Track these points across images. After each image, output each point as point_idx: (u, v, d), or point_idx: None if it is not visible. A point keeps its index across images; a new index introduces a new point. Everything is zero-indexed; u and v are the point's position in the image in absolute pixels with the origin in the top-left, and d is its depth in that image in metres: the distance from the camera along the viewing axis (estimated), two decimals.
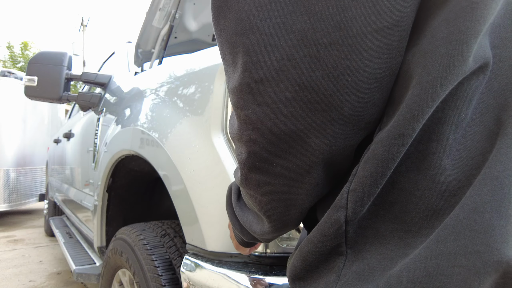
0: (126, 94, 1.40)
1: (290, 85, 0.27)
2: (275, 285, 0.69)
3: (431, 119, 0.27)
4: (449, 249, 0.24)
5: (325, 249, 0.31)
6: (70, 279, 2.45)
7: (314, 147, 0.29)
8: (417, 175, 0.28)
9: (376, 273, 0.28)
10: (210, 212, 0.79)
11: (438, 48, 0.25)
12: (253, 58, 0.27)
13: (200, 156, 0.83)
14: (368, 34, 0.25)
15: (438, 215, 0.27)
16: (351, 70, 0.26)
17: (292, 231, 0.80)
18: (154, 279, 0.92)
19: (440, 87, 0.26)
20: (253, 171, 0.33)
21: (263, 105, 0.28)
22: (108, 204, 1.41)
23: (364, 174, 0.28)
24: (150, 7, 1.45)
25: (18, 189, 4.69)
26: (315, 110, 0.27)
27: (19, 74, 4.99)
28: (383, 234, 0.29)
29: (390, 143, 0.27)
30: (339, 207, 0.30)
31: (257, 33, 0.27)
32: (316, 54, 0.26)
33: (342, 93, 0.27)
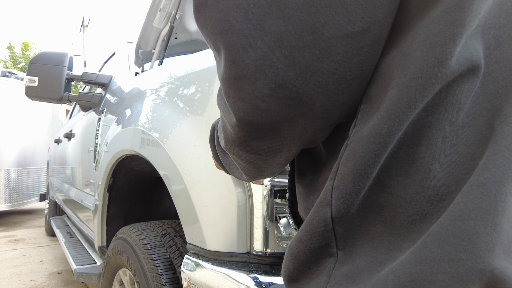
0: (126, 95, 1.41)
1: (266, 83, 0.29)
2: (275, 284, 0.70)
3: (420, 123, 0.27)
4: (433, 255, 0.24)
5: (314, 247, 0.32)
6: (71, 279, 2.46)
7: (287, 134, 0.32)
8: (406, 179, 0.28)
9: (364, 276, 0.28)
10: (211, 211, 0.79)
11: (415, 51, 0.26)
12: (232, 57, 0.29)
13: (200, 156, 0.83)
14: (339, 39, 0.27)
15: (427, 219, 0.27)
16: (322, 71, 0.28)
17: (292, 231, 0.80)
18: (154, 279, 0.93)
19: (416, 88, 0.26)
20: (233, 145, 0.36)
21: (242, 100, 0.30)
22: (108, 204, 1.42)
23: (345, 172, 0.29)
24: (150, 7, 1.45)
25: (19, 189, 4.69)
26: (289, 106, 0.29)
27: (20, 74, 4.99)
28: (373, 237, 0.29)
29: (369, 141, 0.28)
30: (324, 204, 0.31)
31: (236, 33, 0.28)
32: (290, 56, 0.27)
33: (313, 92, 0.29)
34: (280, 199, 0.79)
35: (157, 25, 1.48)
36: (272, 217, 0.75)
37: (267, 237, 0.75)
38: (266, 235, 0.75)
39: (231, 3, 0.28)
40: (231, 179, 0.78)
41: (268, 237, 0.75)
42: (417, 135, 0.28)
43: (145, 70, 1.66)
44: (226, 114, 0.35)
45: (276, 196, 0.78)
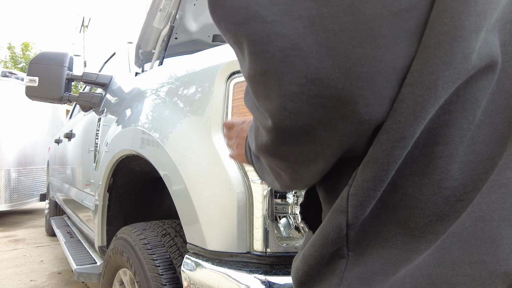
0: (126, 95, 1.41)
1: (295, 77, 0.24)
2: (275, 284, 0.70)
3: (437, 122, 0.26)
4: (454, 257, 0.23)
5: (326, 252, 0.31)
6: (71, 279, 2.46)
7: (323, 140, 0.26)
8: (422, 179, 0.26)
9: (378, 278, 0.27)
10: (211, 211, 0.79)
11: (442, 44, 0.23)
12: (255, 49, 0.25)
13: (200, 156, 0.83)
14: (384, 18, 0.22)
15: (443, 220, 0.26)
16: (366, 59, 0.23)
17: (292, 231, 0.80)
18: (154, 279, 0.93)
19: (443, 87, 0.24)
20: (261, 149, 0.32)
21: (269, 99, 0.26)
22: (109, 203, 1.42)
23: (364, 179, 0.27)
24: (150, 8, 1.45)
25: (19, 189, 4.69)
26: (325, 106, 0.24)
27: (20, 74, 4.99)
28: (385, 238, 0.28)
29: (392, 146, 0.25)
30: (340, 211, 0.29)
31: (259, 21, 0.24)
32: (325, 42, 0.23)
33: (356, 87, 0.23)
34: (280, 199, 0.79)
35: (157, 25, 1.48)
36: (272, 217, 0.75)
37: (267, 237, 0.75)
38: (266, 235, 0.75)
39: None
40: (231, 179, 0.78)
41: (268, 237, 0.75)
42: (434, 134, 0.26)
43: (145, 70, 1.66)
44: (257, 115, 0.30)
45: (276, 196, 0.78)
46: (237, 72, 0.83)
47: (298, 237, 0.80)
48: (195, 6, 1.60)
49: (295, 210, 0.80)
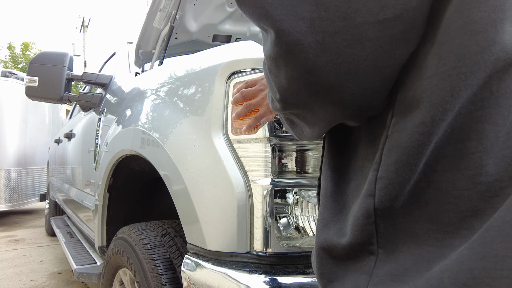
0: (127, 95, 1.41)
1: (296, 67, 0.30)
2: (275, 284, 0.70)
3: (470, 118, 0.26)
4: (496, 251, 0.23)
5: (355, 243, 0.32)
6: (71, 279, 2.46)
7: (318, 114, 0.33)
8: (455, 175, 0.27)
9: (411, 274, 0.28)
10: (211, 211, 0.79)
11: (453, 39, 0.26)
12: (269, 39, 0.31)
13: (200, 156, 0.83)
14: (370, 25, 0.27)
15: (478, 215, 0.26)
16: (353, 58, 0.28)
17: (292, 231, 0.80)
18: (154, 279, 0.93)
19: (458, 77, 0.26)
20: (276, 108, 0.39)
21: (278, 77, 0.33)
22: (109, 204, 1.42)
23: (389, 162, 0.30)
24: (150, 8, 1.45)
25: (19, 189, 4.70)
26: (318, 92, 0.30)
27: (20, 74, 4.99)
28: (417, 234, 0.28)
29: (412, 131, 0.28)
30: (368, 195, 0.31)
31: (270, 19, 0.30)
32: (322, 41, 0.28)
33: (343, 79, 0.29)
34: (280, 199, 0.79)
35: (157, 25, 1.48)
36: (272, 217, 0.75)
37: (267, 237, 0.75)
38: (266, 235, 0.75)
39: None
40: (231, 179, 0.78)
41: (268, 237, 0.75)
42: (466, 130, 0.27)
43: (145, 70, 1.66)
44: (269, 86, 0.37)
45: (276, 196, 0.78)
46: (237, 72, 0.83)
47: (298, 237, 0.80)
48: (195, 6, 1.60)
49: (295, 210, 0.80)
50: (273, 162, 0.77)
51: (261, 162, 0.77)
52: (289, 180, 0.78)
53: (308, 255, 0.77)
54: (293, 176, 0.79)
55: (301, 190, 0.80)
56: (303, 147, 0.80)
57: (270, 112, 0.62)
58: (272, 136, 0.77)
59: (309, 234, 0.80)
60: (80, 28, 17.55)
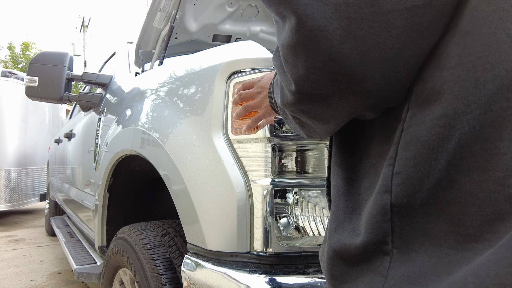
0: (127, 95, 1.41)
1: (319, 55, 0.28)
2: (275, 284, 0.70)
3: (502, 115, 0.25)
4: None
5: (370, 242, 0.30)
6: (71, 279, 2.46)
7: (336, 106, 0.32)
8: (482, 176, 0.25)
9: (431, 278, 0.26)
10: (211, 211, 0.79)
11: (479, 28, 0.25)
12: (291, 25, 0.30)
13: (200, 156, 0.83)
14: (399, 12, 0.26)
15: (504, 219, 0.24)
16: (379, 46, 0.27)
17: (293, 231, 0.80)
18: (154, 278, 0.93)
19: (483, 67, 0.25)
20: (286, 105, 0.37)
21: (296, 67, 0.31)
22: (109, 203, 1.42)
23: (407, 157, 0.28)
24: (150, 7, 1.45)
25: (19, 189, 4.69)
26: (340, 82, 0.29)
27: (20, 74, 4.99)
28: (435, 236, 0.27)
29: (433, 124, 0.27)
30: (384, 191, 0.30)
31: (293, 3, 0.29)
32: (347, 28, 0.27)
33: (368, 69, 0.28)
34: (280, 199, 0.79)
35: (157, 25, 1.48)
36: (272, 217, 0.75)
37: (267, 237, 0.75)
38: (266, 235, 0.75)
39: None
40: (231, 179, 0.78)
41: (268, 237, 0.75)
42: (498, 128, 0.25)
43: (145, 70, 1.66)
44: (282, 77, 0.35)
45: (276, 196, 0.78)
46: (237, 72, 0.83)
47: (298, 237, 0.80)
48: (195, 6, 1.60)
49: (295, 210, 0.80)
50: (273, 162, 0.77)
51: (261, 162, 0.77)
52: (289, 180, 0.78)
53: (308, 255, 0.77)
54: (293, 176, 0.79)
55: (301, 190, 0.80)
56: (303, 147, 0.80)
57: (269, 113, 0.61)
58: (272, 136, 0.77)
59: (309, 234, 0.80)
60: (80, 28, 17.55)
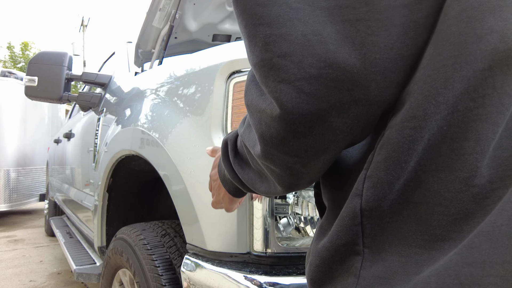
0: (126, 94, 1.41)
1: (315, 61, 0.25)
2: (275, 284, 0.69)
3: (469, 116, 0.25)
4: (485, 257, 0.22)
5: (340, 244, 0.30)
6: (71, 279, 2.46)
7: (335, 126, 0.28)
8: (449, 176, 0.25)
9: (400, 278, 0.27)
10: (210, 212, 0.79)
11: (449, 27, 0.25)
12: (277, 31, 0.26)
13: (200, 156, 0.83)
14: (396, 9, 0.25)
15: (469, 219, 0.25)
16: (379, 47, 0.25)
17: (293, 232, 0.80)
18: (154, 279, 0.93)
19: (453, 67, 0.24)
20: (268, 145, 0.31)
21: (285, 82, 0.27)
22: (108, 204, 1.42)
23: (378, 160, 0.28)
24: (150, 7, 1.45)
25: (18, 189, 4.69)
26: (340, 89, 0.26)
27: (19, 74, 4.99)
28: (405, 235, 0.27)
29: (403, 126, 0.26)
30: (355, 194, 0.29)
31: (284, 6, 0.26)
32: (343, 30, 0.25)
33: (370, 72, 0.26)
34: (280, 199, 0.79)
35: (156, 24, 1.47)
36: (272, 217, 0.75)
37: (267, 237, 0.74)
38: (266, 235, 0.74)
39: None
40: None
41: (268, 237, 0.74)
42: (464, 128, 0.25)
43: (145, 70, 1.66)
44: (263, 106, 0.30)
45: (276, 196, 0.77)
46: (237, 72, 0.83)
47: (298, 237, 0.80)
48: (195, 5, 1.59)
49: (295, 210, 0.80)
50: None
51: None
52: None
53: None
54: None
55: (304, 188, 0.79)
56: None
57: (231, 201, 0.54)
58: None
59: (309, 234, 0.79)
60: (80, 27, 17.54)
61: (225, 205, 0.55)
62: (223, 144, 0.46)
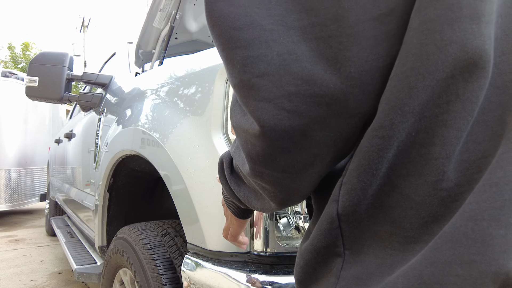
0: (127, 95, 1.41)
1: (292, 79, 0.26)
2: (275, 284, 0.70)
3: (435, 122, 0.26)
4: (445, 257, 0.23)
5: (321, 246, 0.31)
6: (71, 279, 2.46)
7: (319, 140, 0.28)
8: (418, 180, 0.26)
9: (375, 278, 0.27)
10: (211, 211, 0.79)
11: (412, 38, 0.25)
12: (253, 53, 0.27)
13: (200, 156, 0.83)
14: (366, 23, 0.25)
15: (439, 221, 0.26)
16: (353, 61, 0.26)
17: (293, 231, 0.80)
18: (155, 278, 0.93)
19: (416, 78, 0.25)
20: (256, 163, 0.32)
21: (266, 101, 0.27)
22: (109, 203, 1.42)
23: (352, 167, 0.29)
24: (150, 8, 1.45)
25: (19, 189, 4.70)
26: (319, 104, 0.27)
27: (20, 74, 4.99)
28: (382, 238, 0.28)
29: (372, 135, 0.27)
30: (332, 200, 0.30)
31: (258, 28, 0.27)
32: (316, 48, 0.26)
33: (346, 86, 0.26)
34: None
35: (157, 25, 1.48)
36: (272, 217, 0.75)
37: (267, 237, 0.75)
38: (266, 235, 0.75)
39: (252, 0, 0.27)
40: None
41: (268, 237, 0.75)
42: (431, 134, 0.26)
43: (146, 70, 1.66)
44: (246, 125, 0.31)
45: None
46: None
47: (298, 237, 0.80)
48: (195, 6, 1.60)
49: (295, 210, 0.80)
50: None
51: None
52: None
53: None
54: None
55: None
56: None
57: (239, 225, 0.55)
58: None
59: None
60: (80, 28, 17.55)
61: (234, 229, 0.55)
62: (219, 162, 0.47)
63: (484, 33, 0.25)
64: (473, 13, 0.24)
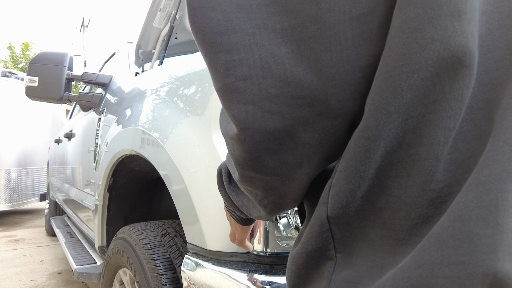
0: (127, 95, 1.41)
1: (274, 81, 0.27)
2: (275, 284, 0.70)
3: (422, 121, 0.25)
4: (433, 259, 0.23)
5: (311, 249, 0.31)
6: (71, 279, 2.46)
7: (304, 141, 0.29)
8: (407, 181, 0.26)
9: (366, 282, 0.27)
10: (211, 211, 0.79)
11: (394, 37, 0.25)
12: (235, 57, 0.27)
13: (200, 156, 0.83)
14: (346, 23, 0.25)
15: (429, 222, 0.25)
16: (334, 61, 0.26)
17: (292, 231, 0.80)
18: (154, 278, 0.93)
19: (400, 77, 0.25)
20: (245, 168, 0.32)
21: (249, 103, 0.28)
22: (109, 203, 1.42)
23: (340, 169, 0.28)
24: (150, 7, 1.45)
25: (19, 189, 4.69)
26: (302, 106, 0.27)
27: (20, 74, 4.99)
28: (373, 240, 0.28)
29: (358, 136, 0.27)
30: (322, 202, 0.30)
31: (240, 32, 0.27)
32: (297, 50, 0.26)
33: (327, 86, 0.26)
34: None
35: (157, 25, 1.48)
36: None
37: (267, 237, 0.75)
38: (266, 235, 0.75)
39: (233, 4, 0.27)
40: None
41: (268, 237, 0.75)
42: (418, 134, 0.26)
43: (145, 70, 1.66)
44: (231, 132, 0.31)
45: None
46: None
47: None
48: None
49: (295, 209, 0.80)
50: None
51: None
52: None
53: None
54: None
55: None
56: None
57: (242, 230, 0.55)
58: None
59: None
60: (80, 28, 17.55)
61: (239, 235, 0.56)
62: (218, 172, 0.47)
63: (467, 31, 0.24)
64: (454, 11, 0.24)
